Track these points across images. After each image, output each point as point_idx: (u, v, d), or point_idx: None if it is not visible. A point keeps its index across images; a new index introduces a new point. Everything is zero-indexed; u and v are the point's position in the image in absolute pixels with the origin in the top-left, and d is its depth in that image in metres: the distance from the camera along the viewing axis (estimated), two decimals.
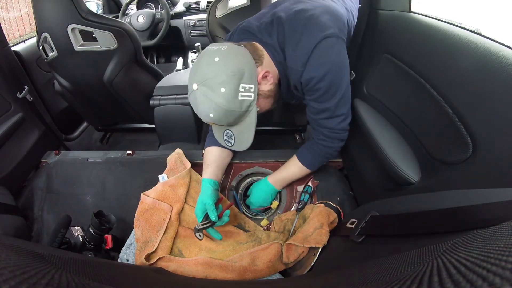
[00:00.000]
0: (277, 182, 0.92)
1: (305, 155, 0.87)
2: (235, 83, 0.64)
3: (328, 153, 0.84)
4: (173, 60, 2.28)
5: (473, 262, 0.25)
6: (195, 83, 0.65)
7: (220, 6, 1.22)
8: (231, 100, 0.65)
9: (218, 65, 0.64)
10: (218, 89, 0.63)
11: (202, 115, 0.68)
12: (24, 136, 1.14)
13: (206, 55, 0.67)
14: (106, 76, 1.20)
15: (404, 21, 0.71)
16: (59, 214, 0.95)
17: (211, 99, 0.64)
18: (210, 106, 0.65)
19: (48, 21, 1.06)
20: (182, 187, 0.86)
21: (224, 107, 0.65)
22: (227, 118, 0.68)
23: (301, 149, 0.89)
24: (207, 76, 0.64)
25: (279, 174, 0.92)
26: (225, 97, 0.64)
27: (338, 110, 0.75)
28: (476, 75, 0.52)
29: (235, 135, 0.75)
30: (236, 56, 0.66)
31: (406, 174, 0.68)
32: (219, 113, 0.66)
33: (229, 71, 0.63)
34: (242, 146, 0.76)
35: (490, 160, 0.50)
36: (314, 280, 0.61)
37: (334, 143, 0.82)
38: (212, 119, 0.67)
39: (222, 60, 0.64)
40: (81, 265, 0.41)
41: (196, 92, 0.65)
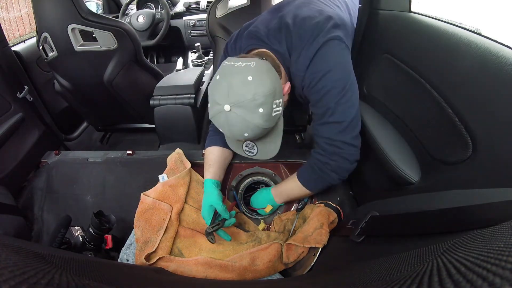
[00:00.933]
0: (277, 194, 0.88)
1: (303, 171, 0.81)
2: (270, 101, 0.63)
3: (324, 172, 0.74)
4: (173, 60, 2.28)
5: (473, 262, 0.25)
6: (228, 104, 0.61)
7: (220, 6, 1.22)
8: (268, 119, 0.64)
9: (254, 86, 0.61)
10: (257, 110, 0.62)
11: (235, 134, 0.66)
12: (24, 136, 1.14)
13: (236, 73, 0.63)
14: (106, 76, 1.20)
15: (404, 21, 0.71)
16: (59, 214, 0.95)
17: (249, 120, 0.62)
18: (247, 127, 0.63)
19: (48, 21, 1.06)
20: (182, 187, 0.86)
21: (261, 126, 0.64)
22: (261, 134, 0.67)
23: (302, 167, 0.83)
24: (245, 97, 0.61)
25: (280, 187, 0.88)
26: (263, 117, 0.63)
27: (335, 116, 0.69)
28: (476, 75, 0.52)
29: (258, 145, 0.74)
30: (267, 73, 0.64)
31: (406, 174, 0.68)
32: (255, 131, 0.65)
33: (266, 90, 0.62)
34: (268, 155, 0.75)
35: (490, 160, 0.50)
36: (314, 280, 0.61)
37: (333, 160, 0.72)
38: (247, 137, 0.66)
39: (256, 80, 0.62)
40: (81, 265, 0.41)
41: (229, 114, 0.62)
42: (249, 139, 0.70)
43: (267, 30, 0.75)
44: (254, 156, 0.76)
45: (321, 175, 0.75)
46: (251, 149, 0.76)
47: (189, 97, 1.23)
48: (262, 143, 0.74)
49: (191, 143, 1.34)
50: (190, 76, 1.32)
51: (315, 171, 0.76)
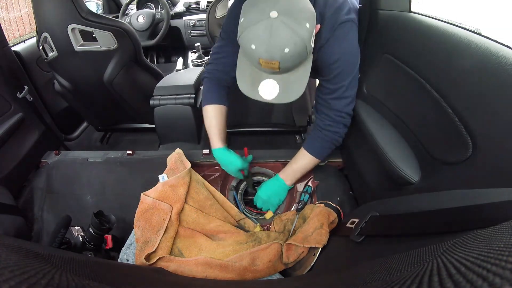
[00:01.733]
0: (287, 176, 0.91)
1: (312, 144, 0.88)
2: (313, 24, 0.61)
3: (334, 139, 0.85)
4: (173, 60, 2.28)
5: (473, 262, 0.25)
6: (275, 10, 0.56)
7: (220, 7, 1.22)
8: (310, 38, 0.60)
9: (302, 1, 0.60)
10: (305, 23, 0.58)
11: (274, 48, 0.58)
12: (24, 136, 1.14)
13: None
14: (106, 76, 1.20)
15: (404, 21, 0.71)
16: (59, 214, 0.95)
17: (295, 30, 0.57)
18: (291, 39, 0.57)
19: (48, 21, 1.06)
20: (182, 187, 0.86)
21: (305, 42, 0.59)
22: (299, 57, 0.62)
23: (307, 140, 0.90)
24: (294, 6, 0.58)
25: (288, 167, 0.92)
26: (308, 33, 0.59)
27: (348, 92, 0.79)
28: (476, 75, 0.52)
29: (281, 85, 0.66)
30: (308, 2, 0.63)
31: (406, 174, 0.68)
32: (297, 48, 0.59)
33: (312, 10, 0.61)
34: (290, 97, 0.67)
35: (490, 160, 0.50)
36: (314, 280, 0.61)
37: (340, 128, 0.83)
38: (285, 55, 0.59)
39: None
40: (81, 265, 0.41)
41: (274, 21, 0.56)
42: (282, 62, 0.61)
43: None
44: (274, 98, 0.67)
45: (331, 143, 0.86)
46: (271, 89, 0.67)
47: (189, 97, 1.23)
48: (286, 81, 0.66)
49: (191, 143, 1.34)
50: (190, 76, 1.32)
51: (326, 141, 0.85)
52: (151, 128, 1.58)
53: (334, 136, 0.84)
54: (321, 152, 0.88)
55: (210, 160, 1.02)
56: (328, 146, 0.87)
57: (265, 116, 1.41)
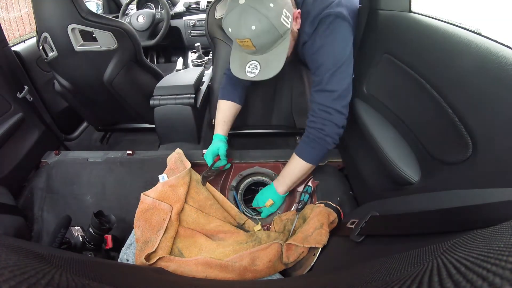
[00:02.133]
0: (278, 183, 0.89)
1: (301, 147, 0.85)
2: (281, 4, 0.70)
3: (320, 137, 0.79)
4: (173, 60, 2.28)
5: (473, 262, 0.25)
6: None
7: (219, 7, 1.21)
8: (276, 16, 0.69)
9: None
10: (268, 3, 0.68)
11: (242, 28, 0.70)
12: (24, 136, 1.14)
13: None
14: (106, 76, 1.20)
15: (404, 21, 0.71)
16: (59, 214, 0.95)
17: (259, 10, 0.68)
18: (256, 17, 0.68)
19: (48, 21, 1.06)
20: (182, 187, 0.86)
21: (269, 20, 0.68)
22: (267, 34, 0.71)
23: (299, 144, 0.87)
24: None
25: (280, 175, 0.90)
26: (272, 11, 0.68)
27: (330, 85, 0.76)
28: (476, 75, 0.52)
29: (262, 63, 0.77)
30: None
31: (406, 174, 0.68)
32: (263, 25, 0.69)
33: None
34: (269, 73, 0.77)
35: (490, 160, 0.50)
36: (314, 280, 0.61)
37: (326, 126, 0.78)
38: (253, 32, 0.69)
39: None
40: (81, 265, 0.41)
41: (242, 5, 0.69)
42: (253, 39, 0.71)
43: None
44: (255, 76, 0.78)
45: (318, 142, 0.81)
46: (254, 69, 0.77)
47: (189, 97, 1.23)
48: (265, 60, 0.76)
49: (191, 143, 1.34)
50: (190, 76, 1.32)
51: (311, 141, 0.82)
52: (151, 128, 1.58)
53: (318, 134, 0.79)
54: (309, 154, 0.84)
55: None
56: (315, 146, 0.81)
57: (266, 118, 1.41)
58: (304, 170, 0.86)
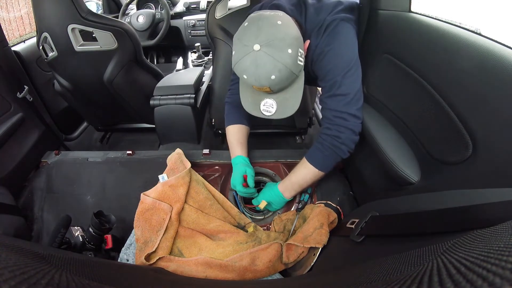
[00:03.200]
0: (286, 188, 0.86)
1: (313, 153, 0.82)
2: (297, 46, 0.67)
3: (334, 145, 0.76)
4: (173, 60, 2.28)
5: (473, 262, 0.25)
6: (258, 44, 0.63)
7: (219, 7, 1.21)
8: (295, 62, 0.66)
9: (283, 28, 0.65)
10: (286, 50, 0.64)
11: (261, 77, 0.66)
12: (24, 136, 1.14)
13: (264, 19, 0.66)
14: (106, 76, 1.20)
15: (404, 21, 0.71)
16: (59, 214, 0.95)
17: (278, 59, 0.64)
18: (275, 67, 0.64)
19: (48, 21, 1.06)
20: (182, 187, 0.86)
21: (289, 68, 0.65)
22: (286, 80, 0.69)
23: (310, 149, 0.84)
24: (275, 37, 0.64)
25: (287, 179, 0.87)
26: (292, 58, 0.65)
27: (342, 88, 0.74)
28: (476, 75, 0.52)
29: (278, 102, 0.75)
30: (293, 23, 0.70)
31: (406, 174, 0.68)
32: (283, 74, 0.66)
33: (294, 33, 0.67)
34: (287, 112, 0.76)
35: (490, 160, 0.50)
36: (314, 280, 0.61)
37: (341, 132, 0.75)
38: (273, 81, 0.66)
39: (285, 24, 0.66)
40: (81, 265, 0.41)
41: (258, 53, 0.64)
42: (272, 86, 0.68)
43: (290, 6, 0.78)
44: (273, 115, 0.76)
45: (332, 150, 0.78)
46: (270, 107, 0.76)
47: (189, 97, 1.23)
48: (282, 99, 0.74)
49: (191, 143, 1.34)
50: (190, 76, 1.32)
51: (326, 148, 0.78)
52: (151, 128, 1.58)
53: (333, 142, 0.76)
54: (322, 161, 0.81)
55: (210, 160, 1.02)
56: (329, 154, 0.78)
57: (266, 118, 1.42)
58: (315, 178, 0.84)
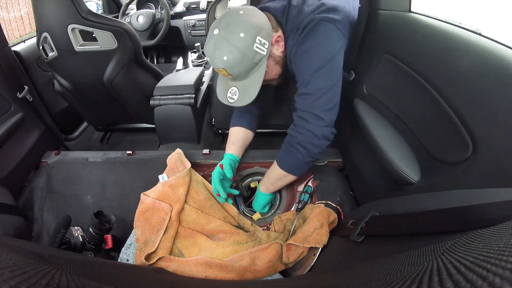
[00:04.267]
0: (263, 184, 0.90)
1: (279, 152, 0.82)
2: (254, 32, 0.70)
3: (292, 145, 0.75)
4: (173, 60, 2.28)
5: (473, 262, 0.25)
6: (217, 28, 0.70)
7: (219, 7, 1.21)
8: (248, 46, 0.69)
9: (242, 16, 0.70)
10: (238, 34, 0.68)
11: (216, 59, 0.71)
12: (24, 136, 1.14)
13: (231, 10, 0.73)
14: (106, 76, 1.20)
15: (404, 21, 0.71)
16: (59, 214, 0.95)
17: (230, 41, 0.68)
18: (227, 48, 0.69)
19: (48, 21, 1.06)
20: (182, 187, 0.86)
21: (240, 51, 0.69)
22: (240, 64, 0.71)
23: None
24: (231, 22, 0.69)
25: (265, 176, 0.90)
26: (242, 41, 0.68)
27: (308, 87, 0.72)
28: (476, 75, 0.52)
29: (240, 90, 0.77)
30: (258, 15, 0.74)
31: (406, 174, 0.68)
32: (234, 56, 0.69)
33: (251, 22, 0.70)
34: (245, 100, 0.77)
35: (490, 160, 0.50)
36: (314, 280, 0.61)
37: (299, 133, 0.73)
38: (226, 62, 0.70)
39: (246, 14, 0.71)
40: (81, 265, 0.41)
41: (215, 36, 0.70)
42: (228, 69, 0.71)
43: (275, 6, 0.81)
44: (234, 102, 0.78)
45: (290, 150, 0.77)
46: (233, 95, 0.78)
47: (189, 97, 1.23)
48: (243, 88, 0.77)
49: (191, 143, 1.34)
50: (190, 76, 1.32)
51: (286, 148, 0.79)
52: (151, 128, 1.58)
53: (291, 141, 0.76)
54: (284, 161, 0.80)
55: (210, 160, 1.02)
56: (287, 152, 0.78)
57: (265, 118, 1.42)
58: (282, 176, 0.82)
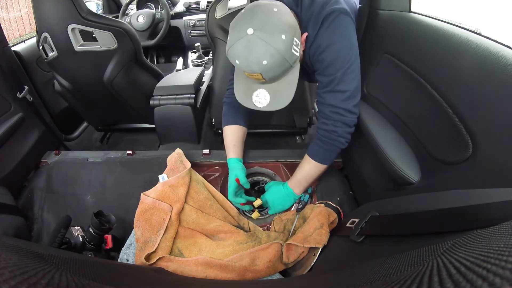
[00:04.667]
0: (294, 185, 0.88)
1: (312, 148, 0.84)
2: (292, 34, 0.65)
3: (332, 138, 0.79)
4: (173, 60, 2.28)
5: (473, 262, 0.25)
6: (251, 27, 0.62)
7: (219, 7, 1.21)
8: (288, 48, 0.65)
9: (278, 15, 0.65)
10: (279, 35, 0.63)
11: (253, 62, 0.65)
12: (24, 136, 1.14)
13: (260, 5, 0.66)
14: (106, 76, 1.20)
15: (404, 21, 0.71)
16: (59, 214, 0.95)
17: (270, 44, 0.62)
18: (267, 51, 0.63)
19: (48, 21, 1.06)
20: (182, 187, 0.86)
21: (281, 54, 0.64)
22: (279, 68, 0.67)
23: (310, 146, 0.86)
24: (268, 22, 0.63)
25: (294, 176, 0.89)
26: (285, 44, 0.64)
27: (341, 85, 0.73)
28: (476, 75, 0.52)
29: (271, 93, 0.73)
30: (290, 13, 0.69)
31: (406, 174, 0.68)
32: (275, 59, 0.64)
33: (288, 22, 0.66)
34: (280, 104, 0.74)
35: (490, 160, 0.50)
36: (314, 280, 0.61)
37: (338, 127, 0.77)
38: (264, 66, 0.65)
39: (281, 11, 0.66)
40: (81, 265, 0.41)
41: (251, 37, 0.63)
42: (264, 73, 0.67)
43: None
44: (265, 107, 0.74)
45: (331, 144, 0.80)
46: (262, 99, 0.74)
47: (189, 97, 1.23)
48: (275, 90, 0.73)
49: (191, 143, 1.34)
50: (190, 76, 1.32)
51: (325, 143, 0.80)
52: (151, 128, 1.58)
53: (331, 136, 0.79)
54: (322, 155, 0.83)
55: (210, 160, 1.02)
56: (328, 148, 0.81)
57: (266, 118, 1.42)
58: (319, 171, 0.86)
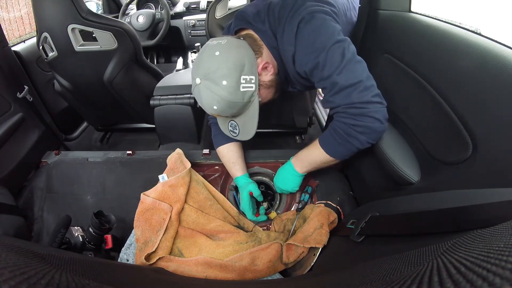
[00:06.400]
0: (297, 162, 0.83)
1: (325, 137, 0.75)
2: (236, 75, 0.66)
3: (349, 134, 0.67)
4: (173, 60, 2.28)
5: (473, 262, 0.25)
6: (198, 77, 0.67)
7: (219, 7, 1.21)
8: (233, 92, 0.67)
9: (218, 59, 0.66)
10: (220, 82, 0.65)
11: (206, 108, 0.70)
12: (24, 136, 1.14)
13: (206, 50, 0.69)
14: (106, 76, 1.20)
15: (404, 21, 0.71)
16: (59, 214, 0.95)
17: (214, 92, 0.66)
18: (214, 99, 0.67)
19: (48, 21, 1.06)
20: (182, 187, 0.86)
21: (226, 99, 0.67)
22: (231, 109, 0.70)
23: (324, 132, 0.76)
24: (209, 70, 0.66)
25: (300, 153, 0.83)
26: (227, 89, 0.66)
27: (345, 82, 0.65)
28: (476, 75, 0.52)
29: (240, 125, 0.76)
30: (236, 49, 0.68)
31: (406, 174, 0.68)
32: (222, 105, 0.68)
33: (230, 64, 0.66)
34: (247, 135, 0.77)
35: (490, 160, 0.50)
36: (314, 280, 0.61)
37: (359, 120, 0.65)
38: (216, 111, 0.69)
39: (222, 54, 0.66)
40: (81, 265, 0.41)
41: (199, 86, 0.68)
42: (222, 113, 0.71)
43: (255, 12, 0.76)
44: (237, 136, 0.78)
45: (347, 139, 0.68)
46: (234, 129, 0.78)
47: (189, 97, 1.23)
48: (242, 123, 0.76)
49: (191, 143, 1.34)
50: (190, 76, 1.32)
51: (340, 136, 0.69)
52: (151, 128, 1.58)
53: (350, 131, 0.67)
54: (334, 148, 0.73)
55: (210, 160, 1.02)
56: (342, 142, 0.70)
57: (266, 118, 1.42)
58: (327, 161, 0.77)
